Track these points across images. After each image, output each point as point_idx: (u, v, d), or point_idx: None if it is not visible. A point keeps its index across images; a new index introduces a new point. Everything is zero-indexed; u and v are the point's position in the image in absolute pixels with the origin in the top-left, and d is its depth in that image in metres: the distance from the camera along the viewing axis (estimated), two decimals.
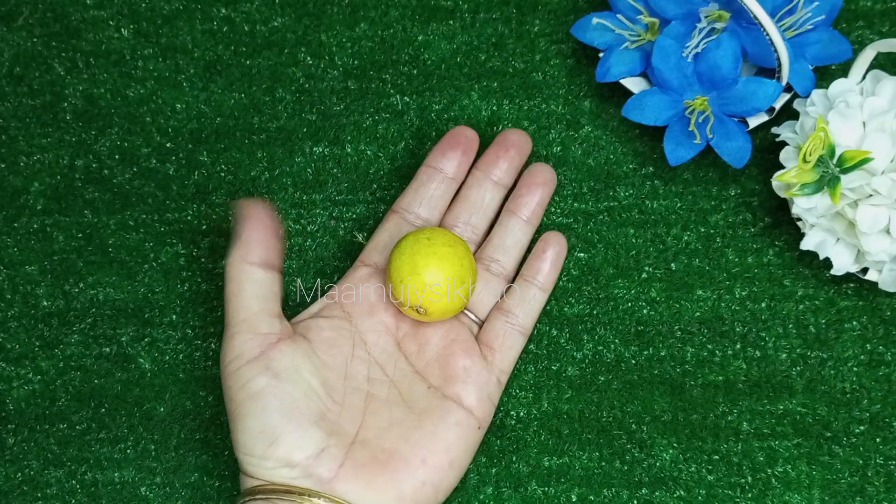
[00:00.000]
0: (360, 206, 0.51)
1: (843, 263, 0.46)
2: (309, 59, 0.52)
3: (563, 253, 0.48)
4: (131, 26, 0.53)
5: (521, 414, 0.48)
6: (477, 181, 0.48)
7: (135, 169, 0.52)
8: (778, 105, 0.47)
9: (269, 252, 0.44)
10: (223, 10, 0.53)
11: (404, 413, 0.44)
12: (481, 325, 0.47)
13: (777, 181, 0.45)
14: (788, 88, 0.47)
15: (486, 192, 0.48)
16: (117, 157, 0.52)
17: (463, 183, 0.49)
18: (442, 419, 0.43)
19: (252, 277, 0.43)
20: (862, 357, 0.47)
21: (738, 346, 0.48)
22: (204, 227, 0.51)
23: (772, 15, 0.46)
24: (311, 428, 0.42)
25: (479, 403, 0.44)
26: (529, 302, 0.47)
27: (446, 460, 0.43)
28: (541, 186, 0.48)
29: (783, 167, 0.46)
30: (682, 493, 0.47)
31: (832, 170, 0.43)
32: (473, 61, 0.51)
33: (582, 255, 0.49)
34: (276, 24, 0.52)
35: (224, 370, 0.43)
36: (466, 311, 0.47)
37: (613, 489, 0.47)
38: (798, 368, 0.47)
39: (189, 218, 0.51)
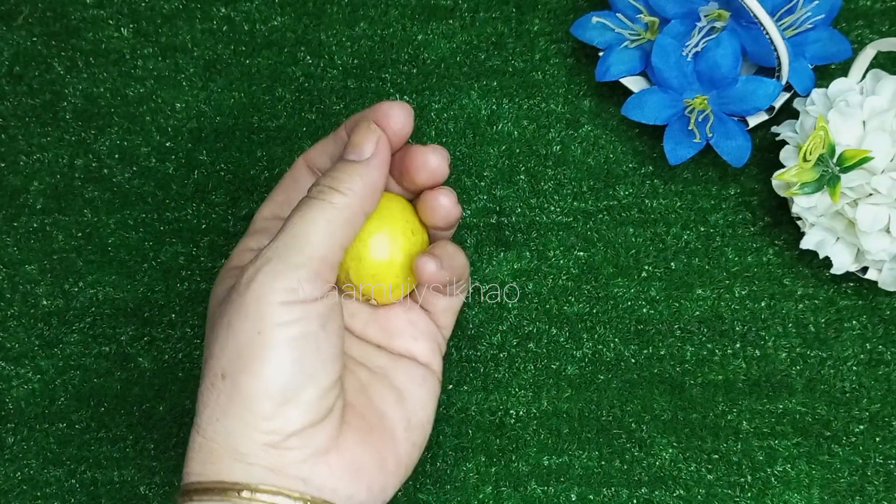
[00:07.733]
0: None
1: (842, 262, 0.46)
2: (308, 58, 0.52)
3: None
4: (131, 26, 0.53)
5: (521, 413, 0.48)
6: None
7: (134, 168, 0.52)
8: (778, 104, 0.47)
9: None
10: (223, 10, 0.53)
11: (369, 375, 0.41)
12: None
13: (777, 180, 0.45)
14: (788, 87, 0.47)
15: None
16: (117, 156, 0.52)
17: None
18: (409, 378, 0.41)
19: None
20: (862, 356, 0.47)
21: (738, 346, 0.48)
22: (203, 226, 0.51)
23: (771, 14, 0.46)
24: (330, 391, 0.37)
25: (433, 356, 0.42)
26: (451, 256, 0.41)
27: (425, 418, 0.41)
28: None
29: (783, 166, 0.46)
30: (681, 492, 0.47)
31: (832, 169, 0.43)
32: (473, 60, 0.51)
33: (581, 253, 0.49)
34: (275, 23, 0.52)
35: (263, 298, 0.35)
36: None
37: (613, 488, 0.47)
38: (798, 368, 0.47)
39: (188, 217, 0.51)
